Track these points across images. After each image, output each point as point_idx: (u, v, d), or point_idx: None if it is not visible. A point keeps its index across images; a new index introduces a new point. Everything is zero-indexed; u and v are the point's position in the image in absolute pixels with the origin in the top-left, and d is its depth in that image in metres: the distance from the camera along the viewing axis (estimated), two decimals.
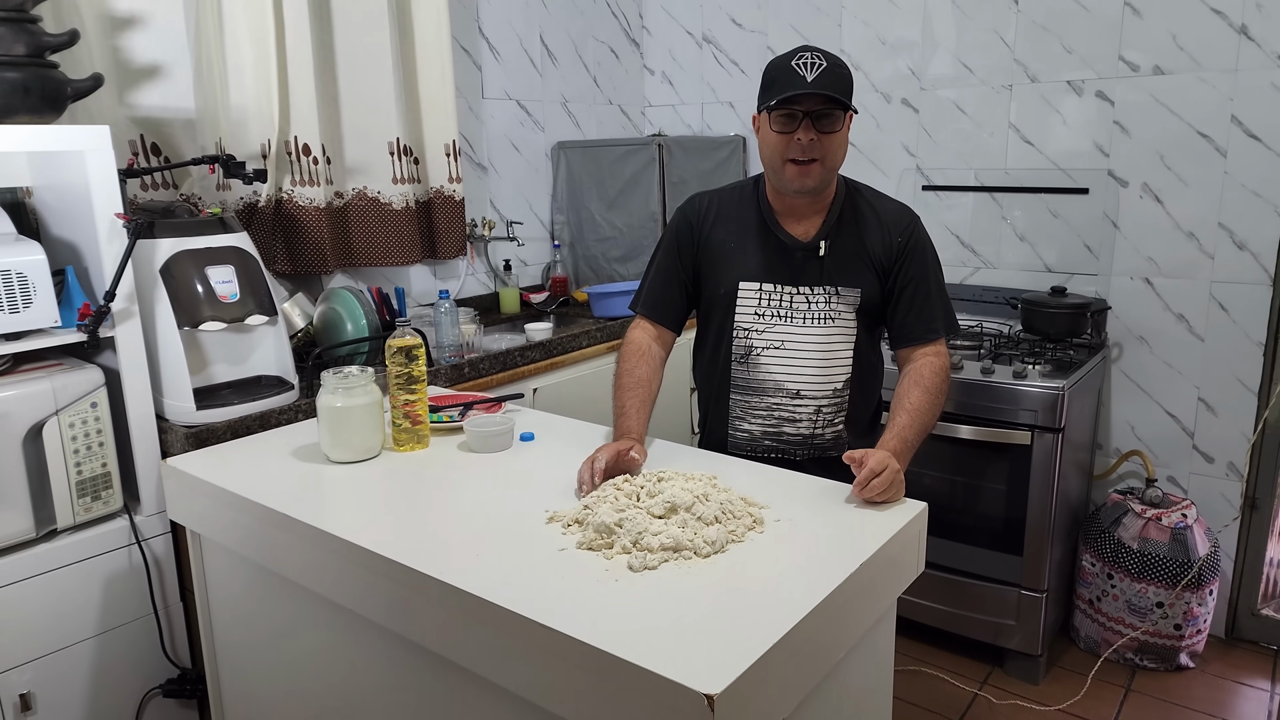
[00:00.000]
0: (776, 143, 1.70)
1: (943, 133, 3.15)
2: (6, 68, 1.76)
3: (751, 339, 1.81)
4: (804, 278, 1.79)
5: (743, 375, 1.83)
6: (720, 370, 1.86)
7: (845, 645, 1.25)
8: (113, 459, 1.89)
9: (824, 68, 1.64)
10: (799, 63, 1.65)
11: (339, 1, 2.61)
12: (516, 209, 3.43)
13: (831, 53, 1.68)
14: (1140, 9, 2.72)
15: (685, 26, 3.73)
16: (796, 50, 1.68)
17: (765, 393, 1.82)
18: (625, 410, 1.72)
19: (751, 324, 1.81)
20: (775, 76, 1.68)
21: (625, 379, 1.79)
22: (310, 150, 2.54)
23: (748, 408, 1.84)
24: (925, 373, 1.74)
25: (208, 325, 1.96)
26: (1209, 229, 2.71)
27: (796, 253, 1.79)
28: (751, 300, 1.81)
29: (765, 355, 1.80)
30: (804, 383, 1.80)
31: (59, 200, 1.99)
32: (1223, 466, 2.80)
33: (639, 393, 1.75)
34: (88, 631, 1.89)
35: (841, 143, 1.71)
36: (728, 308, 1.82)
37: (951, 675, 2.71)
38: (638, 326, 1.89)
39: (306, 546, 1.44)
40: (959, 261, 3.18)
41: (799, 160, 1.69)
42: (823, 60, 1.65)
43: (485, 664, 1.19)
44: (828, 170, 1.71)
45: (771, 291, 1.80)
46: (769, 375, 1.81)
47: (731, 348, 1.83)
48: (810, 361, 1.79)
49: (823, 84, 1.63)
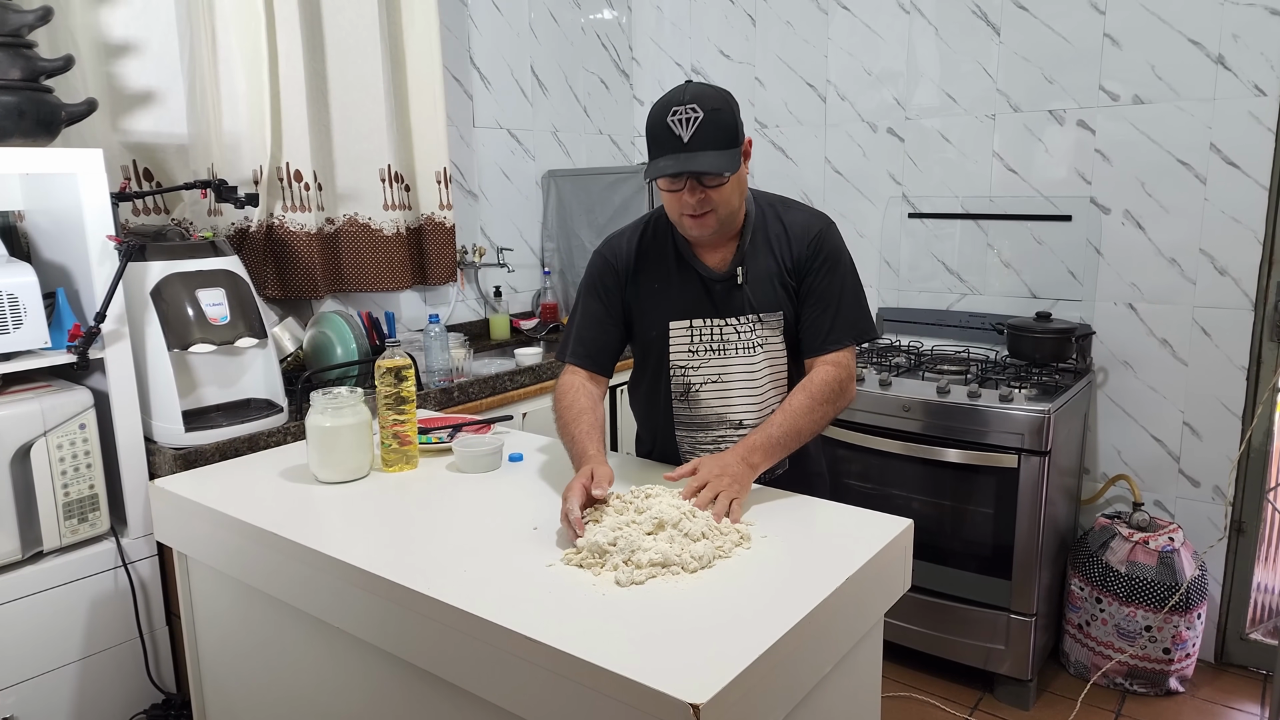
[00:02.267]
0: (669, 200, 1.68)
1: (928, 161, 3.20)
2: (2, 91, 1.78)
3: (689, 375, 1.78)
4: (728, 309, 1.76)
5: (685, 412, 1.81)
6: (662, 409, 1.84)
7: (832, 659, 1.26)
8: (100, 481, 1.89)
9: (700, 121, 1.57)
10: (674, 119, 1.59)
11: (332, 30, 2.65)
12: (507, 236, 3.46)
13: (709, 91, 1.61)
14: (1119, 40, 2.78)
15: (674, 58, 3.79)
16: (671, 101, 1.60)
17: (710, 427, 1.80)
18: (575, 438, 1.67)
19: (686, 361, 1.78)
20: (654, 136, 1.63)
21: (565, 414, 1.73)
22: (302, 176, 2.56)
23: (695, 443, 1.82)
24: (815, 379, 1.70)
25: (198, 347, 1.97)
26: (1190, 255, 2.75)
27: (716, 285, 1.76)
28: (684, 338, 1.78)
29: (704, 391, 1.78)
30: (745, 412, 1.77)
31: (51, 223, 2.00)
32: (1208, 490, 2.82)
33: (585, 419, 1.69)
34: (73, 655, 1.87)
35: (733, 189, 1.65)
36: (661, 348, 1.80)
37: (942, 701, 2.70)
38: (567, 374, 1.81)
39: (294, 565, 1.44)
40: (945, 288, 3.21)
41: (694, 215, 1.66)
42: (698, 111, 1.57)
43: (473, 679, 1.19)
44: (723, 216, 1.67)
45: (701, 327, 1.76)
46: (711, 409, 1.78)
47: (670, 386, 1.81)
48: (748, 391, 1.77)
49: (700, 142, 1.58)
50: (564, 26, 3.59)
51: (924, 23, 3.13)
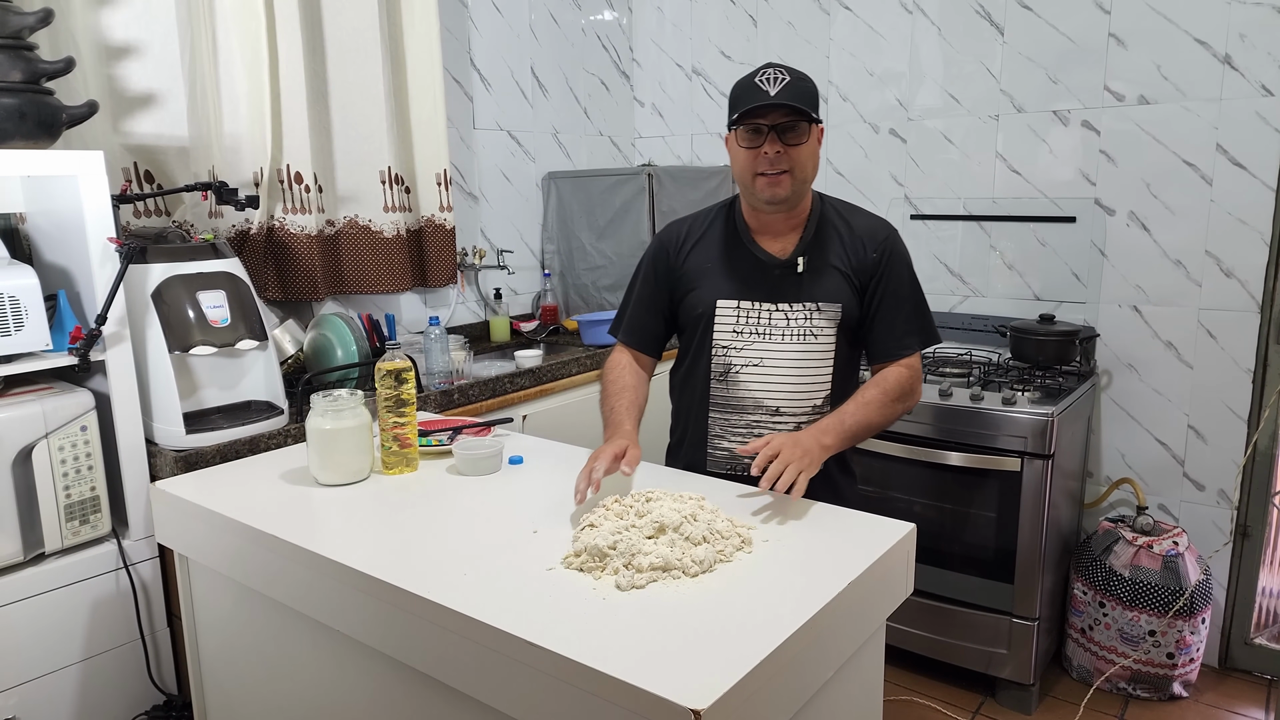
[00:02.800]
0: (745, 158, 1.74)
1: (930, 162, 3.19)
2: (3, 93, 1.77)
3: (730, 356, 1.81)
4: (782, 294, 1.80)
5: (722, 393, 1.83)
6: (699, 389, 1.86)
7: (833, 665, 1.25)
8: (101, 483, 1.89)
9: (786, 81, 1.68)
10: (762, 79, 1.69)
11: (332, 31, 2.64)
12: (507, 238, 3.46)
13: (795, 68, 1.72)
14: (1125, 40, 2.77)
15: (675, 59, 3.78)
16: (760, 68, 1.72)
17: (745, 410, 1.82)
18: (614, 410, 1.76)
19: (730, 342, 1.81)
20: (739, 94, 1.73)
21: (610, 387, 1.82)
22: (302, 178, 2.56)
23: (727, 426, 1.84)
24: (889, 378, 1.77)
25: (198, 349, 1.96)
26: (1196, 257, 2.74)
27: (774, 269, 1.80)
28: (730, 318, 1.81)
29: (744, 373, 1.81)
30: (783, 400, 1.80)
31: (52, 225, 2.00)
32: (1213, 494, 2.81)
33: (626, 396, 1.78)
34: (74, 656, 1.87)
35: (810, 154, 1.73)
36: (706, 326, 1.83)
37: (943, 705, 2.69)
38: (618, 350, 1.92)
39: (294, 568, 1.43)
40: (948, 290, 3.20)
41: (767, 173, 1.71)
42: (785, 75, 1.69)
43: (472, 683, 1.18)
44: (798, 181, 1.73)
45: (750, 309, 1.80)
46: (748, 393, 1.81)
47: (710, 365, 1.84)
48: (789, 378, 1.80)
49: (785, 97, 1.67)
50: (564, 28, 3.59)
51: (927, 23, 3.12)
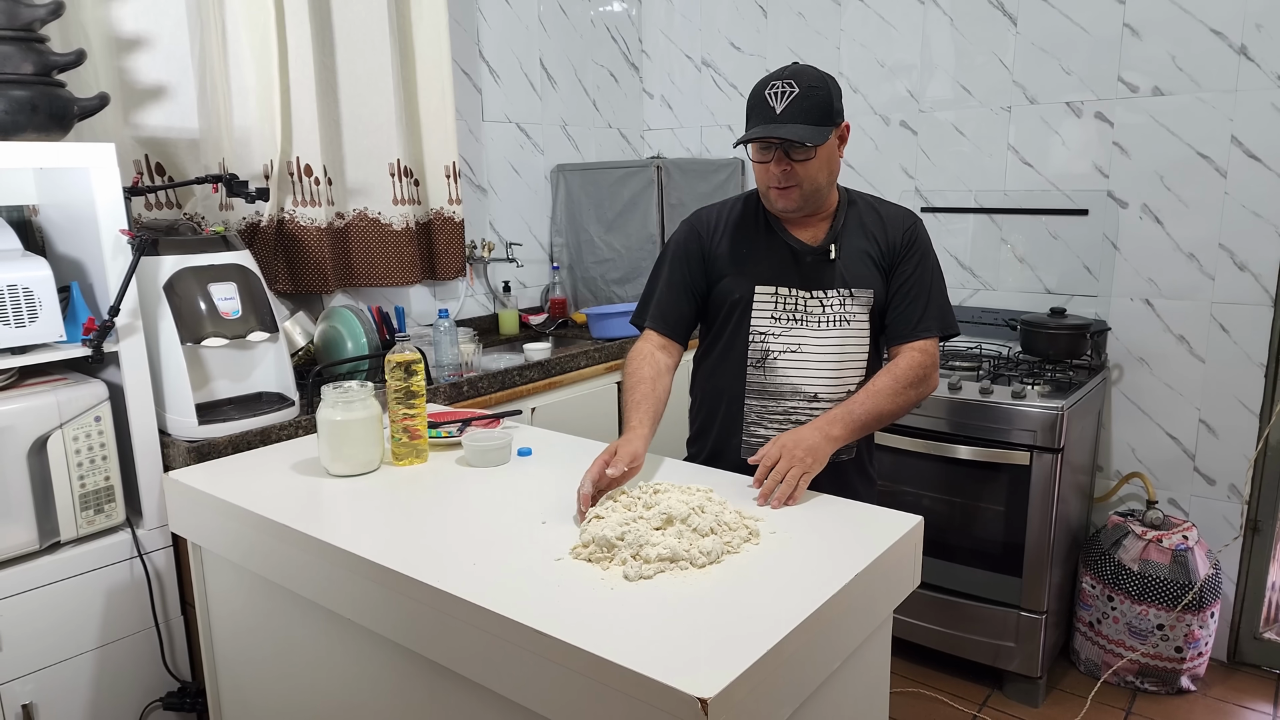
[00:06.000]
0: (759, 170, 1.76)
1: (942, 154, 3.18)
2: (15, 86, 1.79)
3: (768, 343, 1.81)
4: (817, 281, 1.81)
5: (759, 380, 1.83)
6: (733, 376, 1.85)
7: (840, 655, 1.25)
8: (115, 472, 1.90)
9: (796, 95, 1.65)
10: (771, 92, 1.67)
11: (341, 24, 2.65)
12: (516, 231, 3.46)
13: (810, 71, 1.69)
14: (1139, 30, 2.75)
15: (684, 50, 3.78)
16: (773, 76, 1.70)
17: (782, 397, 1.82)
18: (626, 406, 1.74)
19: (768, 328, 1.81)
20: (752, 105, 1.72)
21: (628, 380, 1.79)
22: (312, 171, 2.57)
23: (764, 412, 1.83)
24: (901, 364, 1.77)
25: (210, 341, 1.98)
26: (1209, 250, 2.72)
27: (808, 257, 1.81)
28: (767, 304, 1.81)
29: (782, 359, 1.81)
30: (821, 385, 1.81)
31: (65, 217, 2.01)
32: (1224, 488, 2.80)
33: (640, 389, 1.75)
34: (89, 644, 1.89)
35: (819, 166, 1.71)
36: (743, 313, 1.83)
37: (950, 697, 2.69)
38: (644, 339, 1.87)
39: (305, 557, 1.44)
40: (958, 283, 3.19)
41: (779, 186, 1.73)
42: (794, 87, 1.66)
43: (481, 671, 1.19)
44: (808, 193, 1.73)
45: (786, 295, 1.81)
46: (786, 379, 1.81)
47: (747, 353, 1.84)
48: (827, 364, 1.80)
49: (791, 115, 1.65)
50: (573, 19, 3.59)
51: (939, 13, 3.10)
